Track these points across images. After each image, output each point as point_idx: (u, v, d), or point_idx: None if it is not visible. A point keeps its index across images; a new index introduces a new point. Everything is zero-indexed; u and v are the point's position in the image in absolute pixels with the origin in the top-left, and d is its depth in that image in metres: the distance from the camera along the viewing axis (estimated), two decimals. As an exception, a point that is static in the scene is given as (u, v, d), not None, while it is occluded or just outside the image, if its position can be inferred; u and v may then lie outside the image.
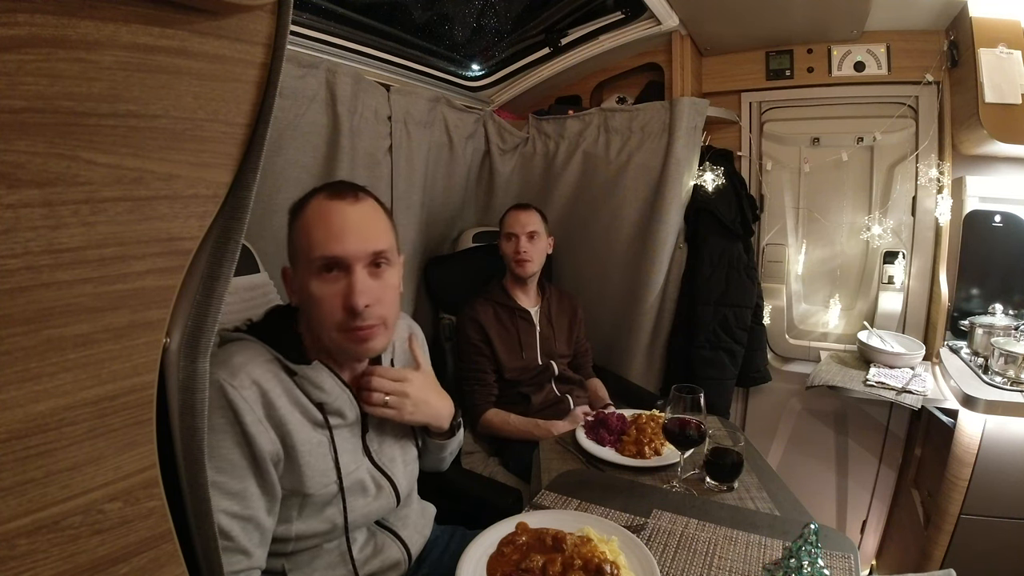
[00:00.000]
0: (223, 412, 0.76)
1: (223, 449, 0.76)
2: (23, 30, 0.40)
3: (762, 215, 2.17)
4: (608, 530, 0.86)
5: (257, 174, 0.58)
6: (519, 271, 1.71)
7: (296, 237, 0.84)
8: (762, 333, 2.10)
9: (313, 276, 0.81)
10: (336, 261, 0.81)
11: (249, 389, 0.77)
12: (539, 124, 2.22)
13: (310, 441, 0.83)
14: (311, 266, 0.81)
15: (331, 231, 0.80)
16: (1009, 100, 1.54)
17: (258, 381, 0.79)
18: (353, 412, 0.89)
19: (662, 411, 1.22)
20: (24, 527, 0.45)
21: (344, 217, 0.82)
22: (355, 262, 0.81)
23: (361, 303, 0.80)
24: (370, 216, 0.85)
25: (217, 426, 0.75)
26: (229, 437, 0.76)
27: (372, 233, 0.84)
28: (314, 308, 0.82)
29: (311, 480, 0.83)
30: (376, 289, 0.83)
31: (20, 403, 0.44)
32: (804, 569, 0.77)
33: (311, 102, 1.45)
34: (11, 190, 0.41)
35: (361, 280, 0.81)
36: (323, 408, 0.85)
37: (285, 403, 0.81)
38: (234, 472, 0.76)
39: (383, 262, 0.85)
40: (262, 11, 0.55)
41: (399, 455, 0.98)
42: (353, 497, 0.88)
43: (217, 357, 0.79)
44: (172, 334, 0.57)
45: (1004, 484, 1.44)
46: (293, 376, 0.83)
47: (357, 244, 0.81)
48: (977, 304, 1.84)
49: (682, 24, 1.92)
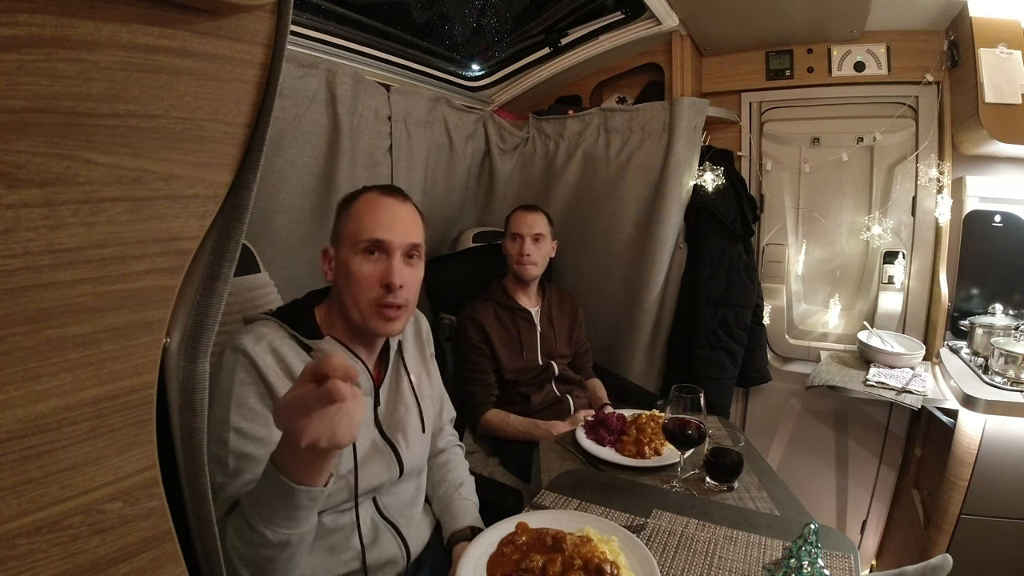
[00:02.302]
0: (246, 368, 0.85)
1: (249, 400, 0.84)
2: (23, 30, 0.40)
3: (762, 215, 2.17)
4: (608, 530, 0.86)
5: (257, 174, 0.58)
6: (521, 273, 1.71)
7: (345, 222, 0.96)
8: (762, 333, 2.10)
9: (358, 255, 0.93)
10: (380, 244, 0.93)
11: (269, 355, 0.87)
12: (539, 124, 2.22)
13: None
14: (357, 246, 0.93)
15: (380, 220, 0.94)
16: (1009, 100, 1.54)
17: (278, 349, 0.88)
18: (367, 383, 0.98)
19: (662, 411, 1.22)
20: (24, 527, 0.45)
21: (393, 211, 0.96)
22: (396, 249, 0.94)
23: (397, 281, 0.92)
24: (412, 214, 0.99)
25: (242, 379, 0.84)
26: (253, 389, 0.85)
27: (412, 228, 0.97)
28: (353, 283, 0.93)
29: None
30: (408, 275, 0.95)
31: (20, 403, 0.44)
32: (804, 569, 0.77)
33: (311, 102, 1.45)
34: (11, 190, 0.41)
35: (398, 264, 0.94)
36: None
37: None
38: (258, 419, 0.84)
39: (415, 255, 0.98)
40: (262, 11, 0.55)
41: (406, 429, 1.04)
42: (363, 464, 0.95)
43: (242, 330, 0.90)
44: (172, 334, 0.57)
45: (1004, 484, 1.44)
46: (309, 352, 0.92)
47: (400, 234, 0.94)
48: (977, 304, 1.84)
49: (682, 24, 1.92)
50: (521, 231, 1.70)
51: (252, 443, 0.83)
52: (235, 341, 0.86)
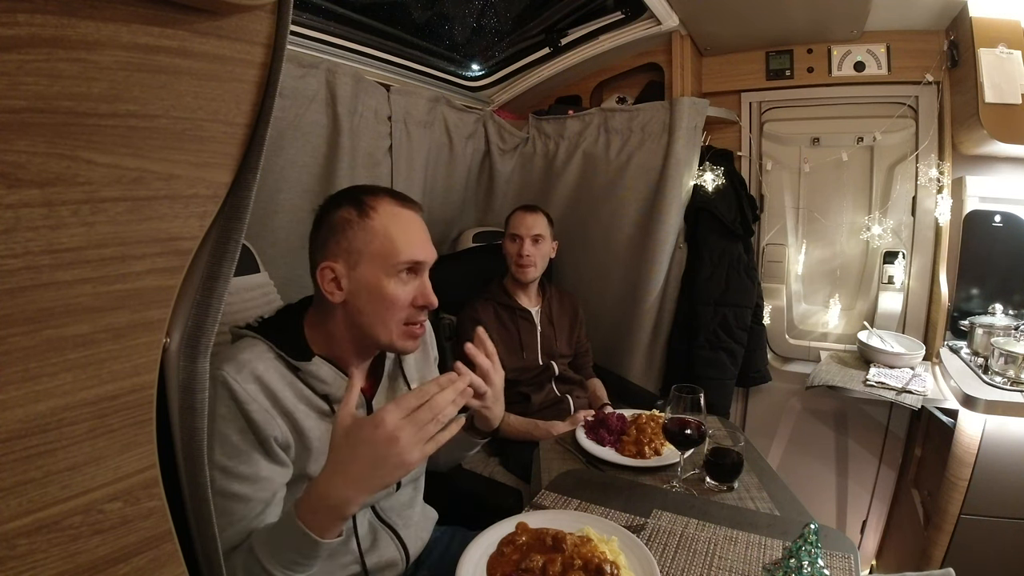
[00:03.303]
0: (226, 402, 0.80)
1: (232, 437, 0.80)
2: (23, 30, 0.40)
3: (762, 215, 2.17)
4: (608, 530, 0.86)
5: (257, 174, 0.58)
6: (520, 275, 1.71)
7: (368, 238, 0.87)
8: (762, 333, 2.10)
9: (392, 276, 0.87)
10: (418, 266, 0.89)
11: (252, 383, 0.81)
12: (539, 124, 2.22)
13: (318, 428, 0.87)
14: (392, 268, 0.87)
15: (414, 238, 0.89)
16: (1009, 100, 1.54)
17: (261, 376, 0.82)
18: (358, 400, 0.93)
19: (662, 411, 1.22)
20: (24, 527, 0.45)
21: (421, 227, 0.92)
22: (427, 267, 0.91)
23: (435, 301, 0.91)
24: (425, 226, 0.94)
25: (222, 415, 0.80)
26: (234, 424, 0.80)
27: (431, 242, 0.93)
28: (387, 307, 0.87)
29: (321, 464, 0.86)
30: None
31: (20, 403, 0.44)
32: (804, 569, 0.77)
33: (311, 102, 1.45)
34: (11, 190, 0.41)
35: (429, 283, 0.91)
36: (329, 399, 0.89)
37: (289, 395, 0.85)
38: (241, 456, 0.80)
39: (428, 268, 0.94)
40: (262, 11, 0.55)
41: None
42: None
43: (225, 353, 0.83)
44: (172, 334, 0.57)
45: (1004, 484, 1.44)
46: (297, 372, 0.87)
47: (431, 251, 0.92)
48: (977, 304, 1.84)
49: (682, 24, 1.92)
50: (520, 232, 1.70)
51: (238, 481, 0.79)
52: (215, 370, 0.79)
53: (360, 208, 0.88)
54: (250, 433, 0.80)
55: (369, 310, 0.88)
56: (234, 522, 0.79)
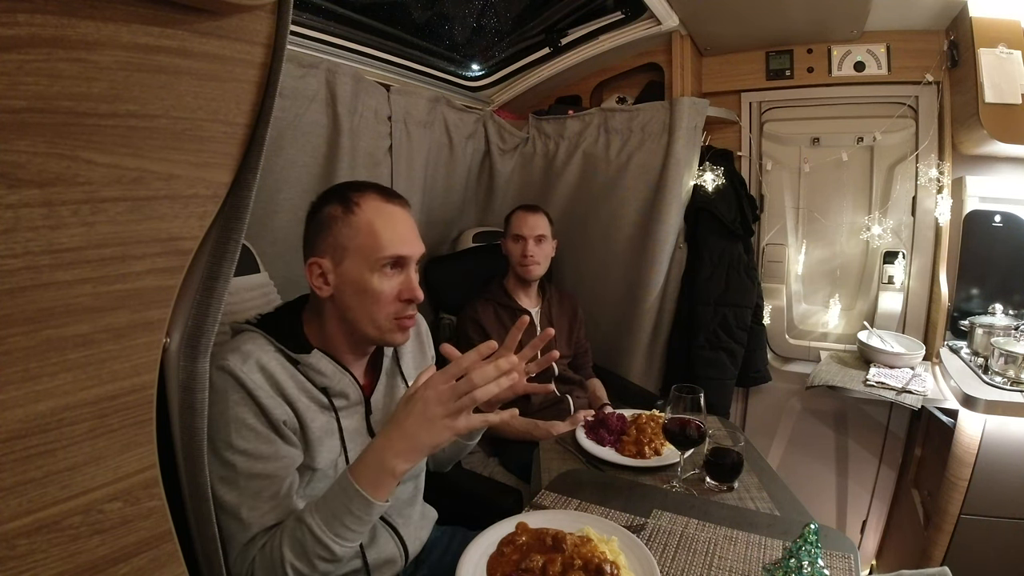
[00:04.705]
0: (237, 389, 0.82)
1: (248, 420, 0.82)
2: (23, 30, 0.40)
3: (762, 215, 2.17)
4: (608, 530, 0.86)
5: (257, 174, 0.58)
6: (525, 274, 1.71)
7: (352, 233, 0.88)
8: (762, 333, 2.10)
9: (376, 271, 0.88)
10: (402, 260, 0.90)
11: (257, 373, 0.83)
12: (539, 124, 2.22)
13: (318, 420, 0.89)
14: (375, 263, 0.88)
15: (398, 233, 0.90)
16: (1009, 100, 1.54)
17: (265, 366, 0.85)
18: (356, 393, 0.95)
19: (662, 411, 1.22)
20: (24, 527, 0.45)
21: (406, 222, 0.92)
22: (413, 261, 0.92)
23: (420, 295, 0.91)
24: (413, 221, 0.95)
25: (235, 400, 0.82)
26: (248, 408, 0.82)
27: (418, 237, 0.94)
28: (372, 301, 0.89)
29: (320, 456, 0.89)
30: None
31: (20, 403, 0.44)
32: (804, 569, 0.77)
33: (311, 102, 1.45)
34: (11, 190, 0.41)
35: (415, 276, 0.93)
36: (328, 392, 0.90)
37: (292, 386, 0.87)
38: (260, 438, 0.82)
39: (417, 263, 0.95)
40: (262, 11, 0.55)
41: None
42: None
43: (228, 345, 0.86)
44: (172, 334, 0.57)
45: (1004, 484, 1.44)
46: (297, 365, 0.89)
47: (416, 246, 0.93)
48: (977, 304, 1.84)
49: (682, 24, 1.92)
50: (523, 232, 1.70)
51: (261, 462, 0.82)
52: (221, 361, 0.81)
53: (346, 204, 0.89)
54: (263, 416, 0.83)
55: (355, 304, 0.89)
56: (267, 499, 0.81)
